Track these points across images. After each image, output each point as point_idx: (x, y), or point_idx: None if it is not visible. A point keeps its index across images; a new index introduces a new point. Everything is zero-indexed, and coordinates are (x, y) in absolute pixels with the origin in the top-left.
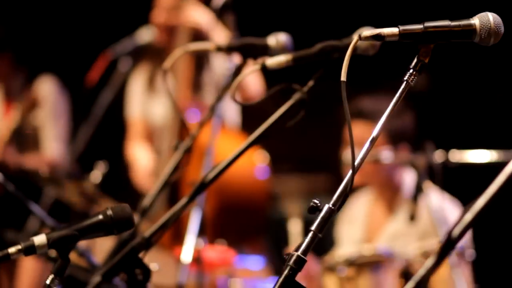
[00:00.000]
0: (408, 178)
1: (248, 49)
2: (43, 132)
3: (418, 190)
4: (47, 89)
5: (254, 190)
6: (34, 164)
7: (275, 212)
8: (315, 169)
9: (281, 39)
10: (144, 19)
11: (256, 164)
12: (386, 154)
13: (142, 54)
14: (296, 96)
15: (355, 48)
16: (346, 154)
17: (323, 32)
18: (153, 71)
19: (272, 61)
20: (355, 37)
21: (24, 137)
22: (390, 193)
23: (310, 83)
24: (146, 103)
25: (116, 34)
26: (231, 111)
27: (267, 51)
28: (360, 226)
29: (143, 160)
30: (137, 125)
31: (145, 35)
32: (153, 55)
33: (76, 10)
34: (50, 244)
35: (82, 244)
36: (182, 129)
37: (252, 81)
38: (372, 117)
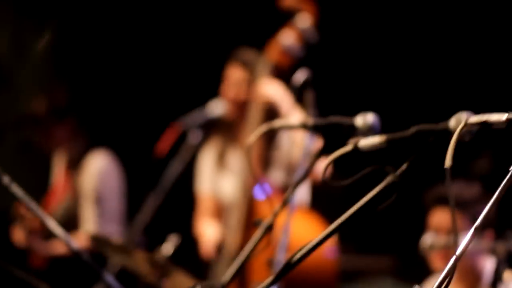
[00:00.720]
0: (488, 266)
1: (334, 128)
2: (83, 214)
3: (497, 278)
4: (92, 168)
5: (324, 270)
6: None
7: None
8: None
9: (369, 119)
10: (214, 90)
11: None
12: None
13: (212, 127)
14: (388, 179)
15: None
16: (426, 239)
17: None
18: (223, 145)
19: (365, 142)
20: (461, 122)
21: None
22: (471, 281)
23: (404, 166)
24: (216, 179)
25: (185, 106)
26: (300, 189)
27: (354, 132)
28: None
29: (209, 233)
30: (207, 201)
31: (216, 108)
32: (224, 129)
33: (145, 79)
34: None
35: None
36: (251, 206)
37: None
38: (457, 205)
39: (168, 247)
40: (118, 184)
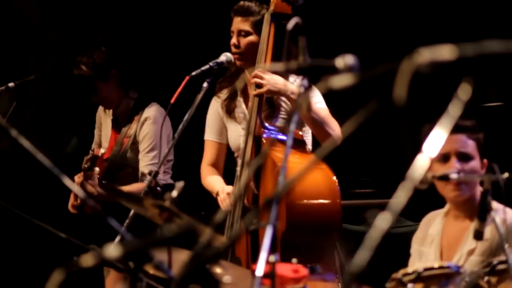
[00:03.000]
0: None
1: (317, 70)
2: (140, 158)
3: (486, 208)
4: (150, 116)
5: (329, 209)
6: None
7: None
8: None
9: (349, 60)
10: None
11: (331, 181)
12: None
13: (221, 76)
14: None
15: None
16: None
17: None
18: (232, 93)
19: (337, 81)
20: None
21: (120, 170)
22: (470, 210)
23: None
24: (224, 126)
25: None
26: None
27: (335, 73)
28: (435, 246)
29: (221, 184)
30: (213, 148)
31: (224, 58)
32: (232, 77)
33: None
34: (126, 255)
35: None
36: (257, 151)
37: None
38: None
39: (174, 193)
40: (168, 132)
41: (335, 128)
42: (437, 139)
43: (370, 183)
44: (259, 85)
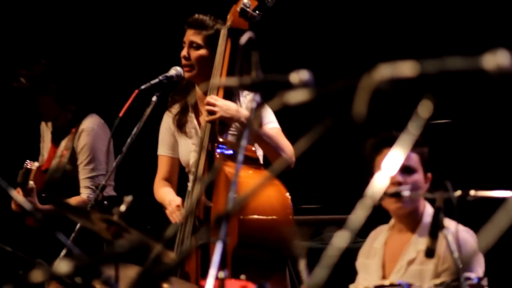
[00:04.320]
0: (429, 211)
1: (271, 86)
2: (80, 171)
3: (437, 225)
4: (87, 128)
5: (277, 225)
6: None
7: None
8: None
9: (303, 75)
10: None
11: (284, 197)
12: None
13: (173, 90)
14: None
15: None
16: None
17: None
18: (183, 107)
19: (293, 97)
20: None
21: (60, 183)
22: (412, 223)
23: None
24: (176, 141)
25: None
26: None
27: (289, 88)
28: (377, 257)
29: (171, 196)
30: (166, 164)
31: (175, 71)
32: (184, 91)
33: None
34: (75, 271)
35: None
36: (210, 165)
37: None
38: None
39: (122, 208)
40: (106, 142)
41: (286, 150)
42: (396, 157)
43: (319, 199)
44: (211, 112)
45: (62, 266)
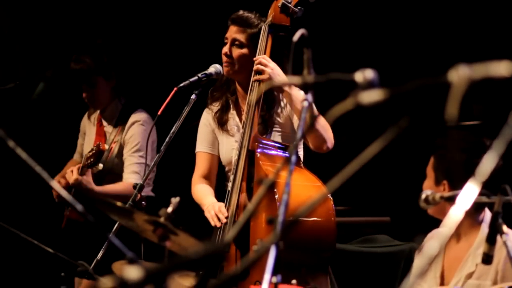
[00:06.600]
0: (488, 218)
1: (334, 85)
2: (126, 163)
3: (495, 231)
4: (136, 127)
5: (324, 229)
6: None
7: None
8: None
9: (369, 74)
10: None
11: (326, 200)
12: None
13: (213, 87)
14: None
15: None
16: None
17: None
18: (225, 105)
19: (367, 97)
20: (461, 75)
21: (106, 175)
22: (469, 230)
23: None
24: (215, 138)
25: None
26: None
27: (353, 88)
28: (436, 265)
29: (211, 199)
30: (205, 160)
31: (215, 69)
32: (224, 88)
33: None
34: (147, 278)
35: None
36: (250, 166)
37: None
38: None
39: (169, 209)
40: (154, 140)
41: (331, 138)
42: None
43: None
44: (260, 72)
45: (133, 273)
